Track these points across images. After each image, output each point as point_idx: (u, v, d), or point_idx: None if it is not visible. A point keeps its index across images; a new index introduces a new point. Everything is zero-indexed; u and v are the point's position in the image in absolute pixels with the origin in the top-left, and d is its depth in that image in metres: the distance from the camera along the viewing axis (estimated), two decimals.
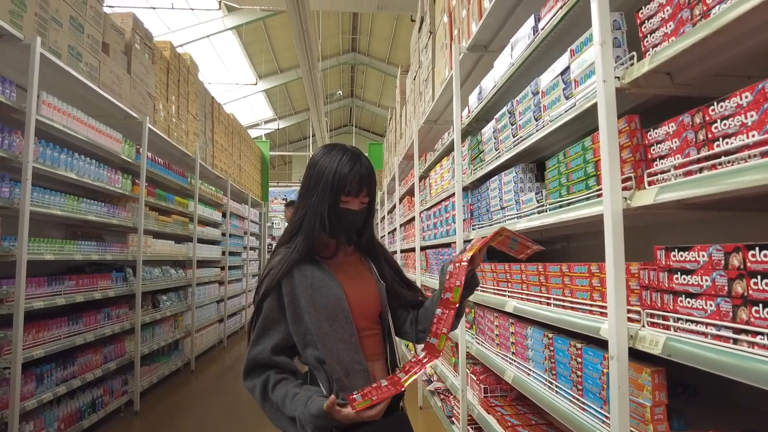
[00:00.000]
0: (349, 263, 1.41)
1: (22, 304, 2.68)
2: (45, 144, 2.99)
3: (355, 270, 1.41)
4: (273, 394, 1.22)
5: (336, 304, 1.27)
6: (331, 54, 15.91)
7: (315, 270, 1.30)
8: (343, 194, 1.29)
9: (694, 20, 1.15)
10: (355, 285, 1.35)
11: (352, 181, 1.28)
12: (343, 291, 1.29)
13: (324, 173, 1.29)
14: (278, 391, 1.21)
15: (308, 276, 1.28)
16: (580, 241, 2.63)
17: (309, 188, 1.32)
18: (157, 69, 4.84)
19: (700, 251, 1.08)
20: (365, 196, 1.33)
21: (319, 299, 1.26)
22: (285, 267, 1.27)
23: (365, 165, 1.32)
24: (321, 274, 1.30)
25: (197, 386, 5.13)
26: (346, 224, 1.33)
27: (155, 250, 4.76)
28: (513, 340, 2.23)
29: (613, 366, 1.31)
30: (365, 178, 1.30)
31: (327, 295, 1.27)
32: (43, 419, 2.99)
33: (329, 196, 1.28)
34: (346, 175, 1.27)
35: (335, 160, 1.29)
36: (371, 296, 1.37)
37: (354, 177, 1.28)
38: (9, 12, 2.63)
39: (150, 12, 10.54)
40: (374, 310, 1.37)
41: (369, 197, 1.34)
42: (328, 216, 1.29)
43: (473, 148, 2.84)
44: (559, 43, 1.92)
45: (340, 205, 1.30)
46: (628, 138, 1.36)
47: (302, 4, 6.44)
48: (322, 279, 1.29)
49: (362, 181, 1.29)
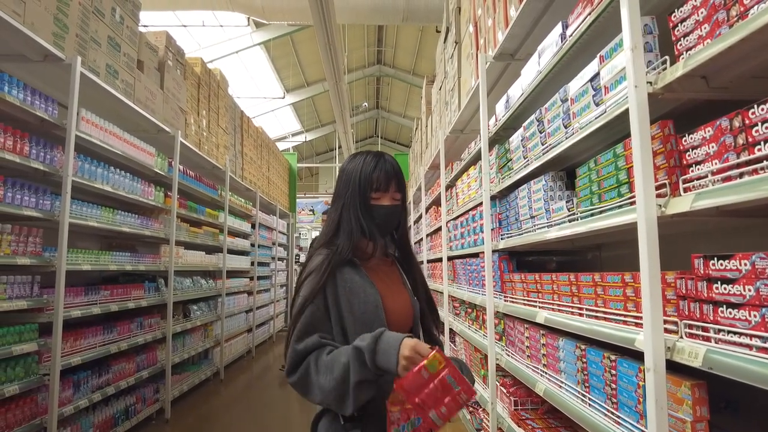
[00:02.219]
0: (384, 271, 1.40)
1: (61, 312, 2.77)
2: (83, 158, 3.11)
3: (390, 279, 1.39)
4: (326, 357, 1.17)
5: (373, 310, 1.25)
6: (357, 67, 16.09)
7: (354, 274, 1.29)
8: (372, 191, 1.31)
9: (731, 21, 1.12)
10: (391, 294, 1.33)
11: (378, 176, 1.31)
12: (381, 299, 1.28)
13: (351, 176, 1.33)
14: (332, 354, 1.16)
15: (347, 279, 1.27)
16: (612, 250, 2.57)
17: (339, 193, 1.35)
18: (189, 84, 4.98)
19: (742, 260, 1.04)
20: (396, 192, 1.34)
21: (356, 304, 1.25)
22: (329, 269, 1.26)
23: (389, 161, 1.35)
24: (359, 278, 1.29)
25: (227, 395, 5.19)
26: (381, 221, 1.33)
27: (186, 260, 4.86)
28: (544, 351, 2.18)
29: (650, 379, 1.27)
30: (391, 173, 1.32)
31: (365, 300, 1.25)
32: (80, 425, 3.07)
33: (359, 195, 1.31)
34: (372, 172, 1.31)
35: (360, 162, 1.35)
36: (406, 307, 1.35)
37: (379, 172, 1.31)
38: (52, 34, 2.76)
39: (182, 30, 10.90)
40: (407, 322, 1.34)
41: (400, 194, 1.35)
42: (362, 215, 1.30)
43: (501, 157, 2.82)
44: (587, 49, 1.89)
45: (371, 202, 1.32)
46: (662, 144, 1.33)
47: (328, 18, 6.54)
48: (360, 284, 1.28)
49: (389, 176, 1.32)
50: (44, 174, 2.77)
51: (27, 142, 2.61)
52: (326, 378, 1.13)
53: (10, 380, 2.48)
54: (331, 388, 1.12)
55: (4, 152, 2.43)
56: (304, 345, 1.20)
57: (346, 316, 1.24)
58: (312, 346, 1.19)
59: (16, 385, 2.48)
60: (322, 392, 1.14)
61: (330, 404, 1.16)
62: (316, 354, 1.18)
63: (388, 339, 1.11)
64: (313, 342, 1.20)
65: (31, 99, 2.62)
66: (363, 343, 1.12)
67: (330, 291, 1.25)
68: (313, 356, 1.18)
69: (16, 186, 2.54)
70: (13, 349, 2.44)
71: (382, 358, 1.09)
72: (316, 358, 1.18)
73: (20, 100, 2.53)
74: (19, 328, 2.54)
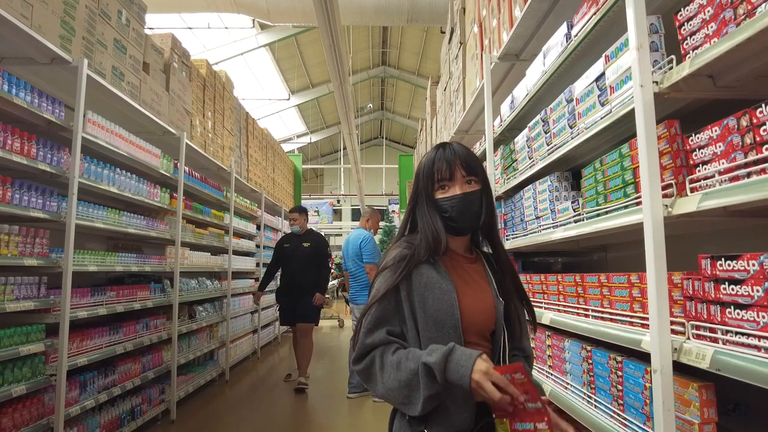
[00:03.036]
0: (466, 268, 1.30)
1: (68, 313, 2.79)
2: (89, 160, 3.12)
3: (471, 277, 1.28)
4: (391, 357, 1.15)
5: (447, 309, 1.18)
6: (362, 68, 16.13)
7: (431, 269, 1.22)
8: (437, 184, 1.25)
9: (738, 20, 1.11)
10: (470, 292, 1.24)
11: (439, 166, 1.24)
12: (457, 297, 1.20)
13: (418, 173, 1.30)
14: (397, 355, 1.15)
15: (424, 275, 1.21)
16: (618, 250, 2.55)
17: (413, 193, 1.32)
18: (194, 86, 5.01)
19: (750, 260, 1.03)
20: (466, 175, 1.24)
21: (430, 300, 1.18)
22: (405, 269, 1.20)
23: (453, 147, 1.27)
24: (437, 274, 1.22)
25: (232, 396, 5.19)
26: (454, 214, 1.23)
27: (192, 261, 4.88)
28: (550, 353, 2.17)
29: (657, 380, 1.26)
30: (452, 159, 1.24)
31: (440, 298, 1.18)
32: (86, 425, 3.08)
33: (424, 192, 1.26)
34: (433, 164, 1.25)
35: (424, 158, 1.30)
36: (486, 309, 1.24)
37: (440, 161, 1.25)
38: (60, 36, 2.78)
39: (187, 32, 10.96)
40: (487, 324, 1.24)
41: (473, 176, 1.25)
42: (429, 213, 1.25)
43: (506, 158, 2.81)
44: (592, 49, 1.89)
45: (438, 195, 1.25)
46: (668, 144, 1.32)
47: (333, 19, 6.55)
48: (437, 280, 1.20)
49: (450, 163, 1.24)
50: (51, 176, 2.78)
51: (34, 144, 2.63)
52: (390, 377, 1.13)
53: (18, 380, 2.49)
54: (394, 388, 1.12)
55: (12, 154, 2.45)
56: (372, 339, 1.18)
57: (419, 312, 1.18)
58: (379, 342, 1.18)
59: (23, 386, 2.49)
60: (385, 389, 1.14)
61: (391, 401, 1.17)
62: (381, 350, 1.17)
63: (458, 359, 1.07)
64: (380, 338, 1.18)
65: (38, 101, 2.64)
66: (431, 359, 1.08)
67: (404, 286, 1.20)
68: (378, 352, 1.17)
69: (23, 187, 2.56)
70: (20, 350, 2.45)
71: (454, 376, 1.06)
72: (381, 354, 1.16)
73: (27, 102, 2.54)
74: (26, 328, 2.55)
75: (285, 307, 5.50)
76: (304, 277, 5.29)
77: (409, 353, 1.13)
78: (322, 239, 5.68)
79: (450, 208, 1.23)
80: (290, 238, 5.62)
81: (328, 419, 4.39)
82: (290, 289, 5.35)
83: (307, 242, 5.42)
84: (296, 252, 5.38)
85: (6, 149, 2.42)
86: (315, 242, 5.47)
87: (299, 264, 5.34)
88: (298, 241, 5.46)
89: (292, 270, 5.38)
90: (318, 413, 4.59)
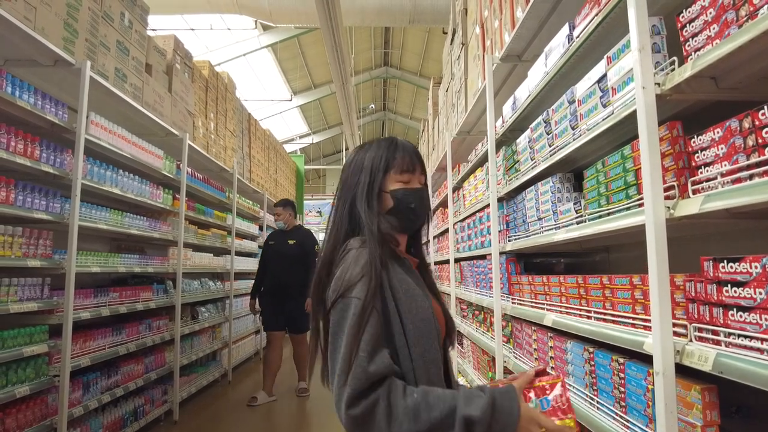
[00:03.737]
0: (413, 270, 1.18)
1: (71, 314, 2.80)
2: (92, 161, 3.14)
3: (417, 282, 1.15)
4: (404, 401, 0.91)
5: (429, 318, 1.05)
6: (364, 69, 16.13)
7: (405, 274, 1.09)
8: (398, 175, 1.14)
9: (740, 21, 1.11)
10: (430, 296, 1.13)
11: (402, 156, 1.15)
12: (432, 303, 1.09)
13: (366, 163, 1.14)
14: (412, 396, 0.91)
15: (402, 281, 1.06)
16: (620, 252, 2.55)
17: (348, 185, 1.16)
18: (197, 87, 5.02)
19: (753, 262, 1.03)
20: (421, 172, 1.18)
21: (415, 310, 1.04)
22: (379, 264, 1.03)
23: (406, 142, 1.20)
24: (412, 279, 1.10)
25: (234, 397, 5.20)
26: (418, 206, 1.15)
27: (194, 262, 4.89)
28: (552, 354, 2.17)
29: (659, 382, 1.26)
30: (413, 153, 1.17)
31: (421, 306, 1.05)
32: (89, 426, 3.10)
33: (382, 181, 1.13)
34: (394, 153, 1.15)
35: (374, 148, 1.17)
36: (439, 313, 1.14)
37: (403, 153, 1.15)
38: (63, 39, 2.79)
39: (190, 33, 10.98)
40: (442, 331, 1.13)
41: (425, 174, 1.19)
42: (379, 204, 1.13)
43: (508, 159, 2.81)
44: (594, 50, 1.89)
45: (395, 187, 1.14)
46: (670, 145, 1.32)
47: (335, 20, 6.57)
48: (414, 286, 1.08)
49: (413, 156, 1.16)
50: (54, 177, 2.79)
51: (38, 146, 2.64)
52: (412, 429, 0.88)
53: (21, 381, 2.50)
54: None
55: (16, 156, 2.46)
56: (376, 367, 0.92)
57: (408, 324, 1.01)
58: (385, 370, 0.93)
59: (27, 386, 2.50)
60: None
61: None
62: (387, 390, 0.91)
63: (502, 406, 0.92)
64: (385, 364, 0.93)
65: (41, 103, 2.65)
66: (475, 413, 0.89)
67: (389, 294, 1.03)
68: (382, 393, 0.90)
69: (26, 189, 2.57)
70: (24, 351, 2.46)
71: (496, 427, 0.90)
72: (387, 396, 0.90)
73: (31, 104, 2.56)
74: (30, 329, 2.56)
75: (269, 309, 5.03)
76: (290, 278, 4.86)
77: (427, 397, 0.91)
78: (310, 237, 5.20)
79: (415, 200, 1.15)
80: (275, 235, 5.24)
81: (330, 419, 4.39)
82: (275, 290, 4.94)
83: (292, 239, 5.03)
84: (281, 250, 4.99)
85: (10, 151, 2.43)
86: (301, 240, 5.04)
87: (285, 263, 4.92)
88: (283, 238, 5.07)
89: (277, 269, 4.95)
90: (319, 413, 4.59)
